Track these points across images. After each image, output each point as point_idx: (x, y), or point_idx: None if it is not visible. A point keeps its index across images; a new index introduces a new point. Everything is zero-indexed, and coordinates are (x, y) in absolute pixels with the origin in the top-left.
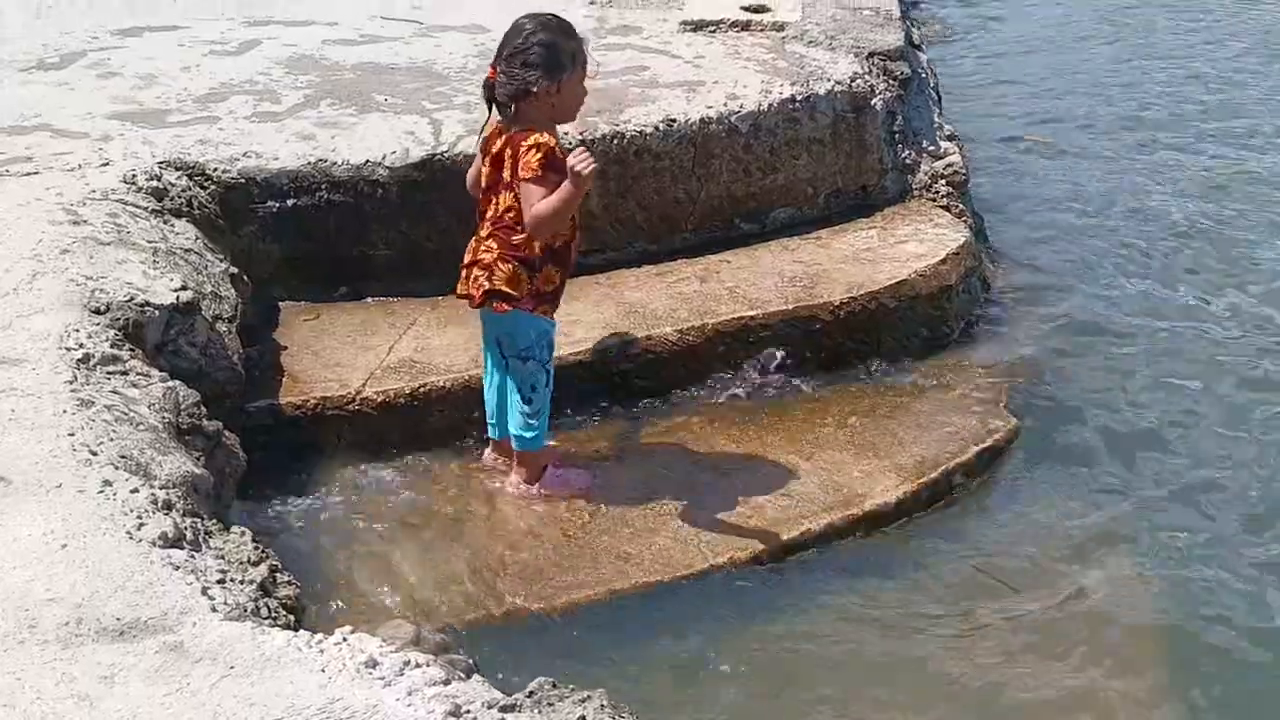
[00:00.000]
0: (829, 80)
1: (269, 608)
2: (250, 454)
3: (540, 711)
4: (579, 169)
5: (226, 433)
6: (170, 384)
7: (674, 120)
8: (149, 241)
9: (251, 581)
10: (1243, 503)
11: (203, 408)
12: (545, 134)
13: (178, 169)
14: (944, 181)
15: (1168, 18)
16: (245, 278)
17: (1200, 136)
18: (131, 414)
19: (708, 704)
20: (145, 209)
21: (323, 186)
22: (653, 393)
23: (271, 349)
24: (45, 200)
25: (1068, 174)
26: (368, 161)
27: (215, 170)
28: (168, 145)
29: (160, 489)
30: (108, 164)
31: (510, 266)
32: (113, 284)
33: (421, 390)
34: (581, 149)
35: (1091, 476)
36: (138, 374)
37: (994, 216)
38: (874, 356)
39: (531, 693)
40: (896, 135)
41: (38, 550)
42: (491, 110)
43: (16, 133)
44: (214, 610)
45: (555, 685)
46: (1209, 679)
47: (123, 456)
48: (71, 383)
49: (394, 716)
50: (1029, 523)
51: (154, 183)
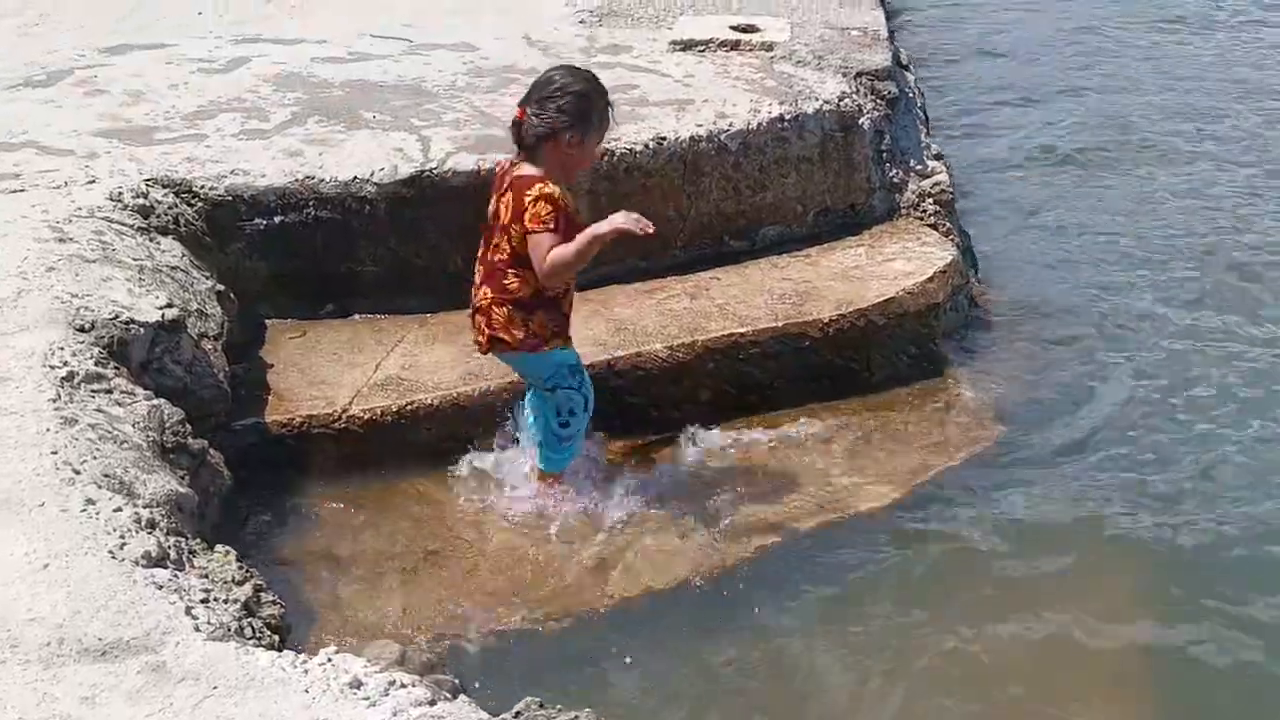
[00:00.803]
0: (817, 100)
1: (253, 627)
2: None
3: None
4: (632, 228)
5: (211, 451)
6: (155, 402)
7: (664, 138)
8: (135, 259)
9: (235, 601)
10: (1228, 512)
11: (187, 426)
12: (551, 185)
13: (164, 186)
14: (931, 200)
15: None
16: (232, 295)
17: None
18: (115, 432)
19: (696, 717)
20: (131, 226)
21: (310, 203)
22: (642, 408)
23: (258, 367)
24: (31, 217)
25: (1053, 192)
26: (356, 178)
27: (202, 187)
28: (154, 163)
29: (144, 508)
30: (94, 181)
31: (505, 310)
32: (98, 301)
33: (409, 408)
34: (638, 216)
35: (1077, 488)
36: (122, 392)
37: (980, 234)
38: (863, 373)
39: (518, 713)
40: (884, 154)
41: (19, 569)
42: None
43: (3, 150)
44: (197, 630)
45: (542, 705)
46: (1192, 685)
47: (106, 475)
48: (55, 401)
49: None
50: (1014, 532)
51: (140, 200)
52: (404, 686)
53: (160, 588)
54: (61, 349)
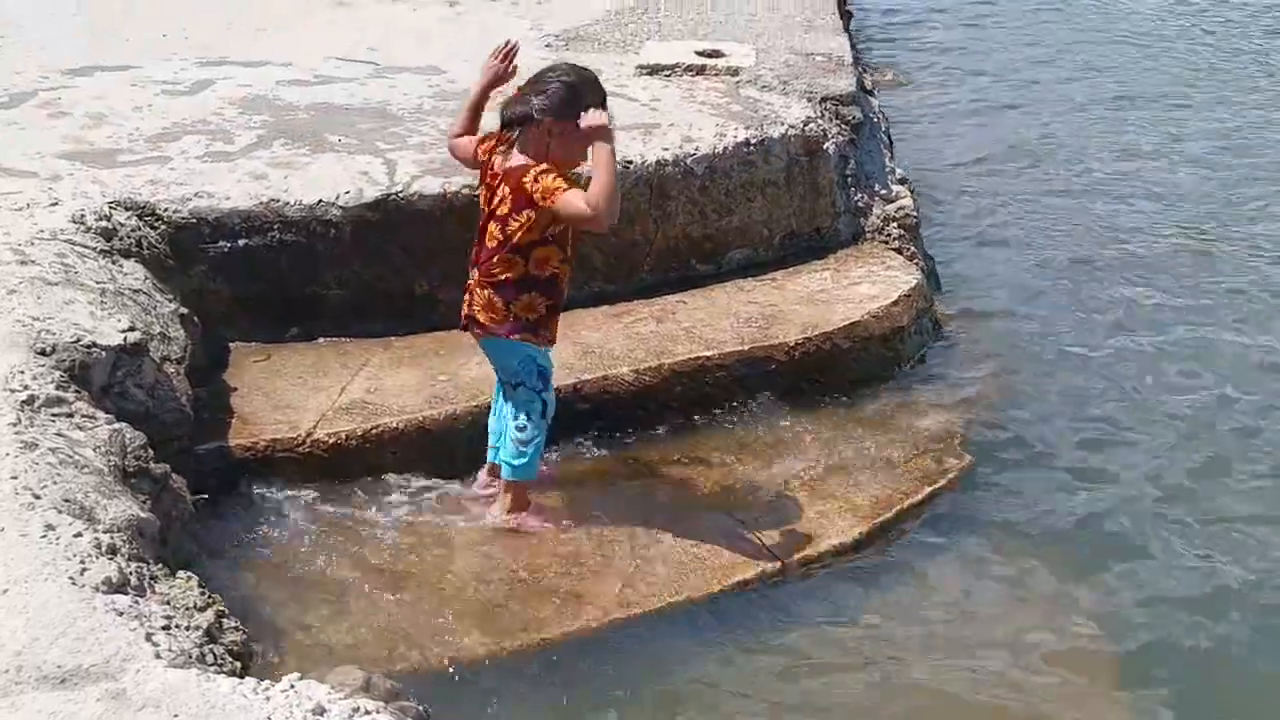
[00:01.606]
0: (783, 124)
1: (215, 654)
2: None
3: None
4: (595, 121)
5: (174, 475)
6: (116, 426)
7: (630, 162)
8: (97, 282)
9: (197, 627)
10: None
11: (149, 450)
12: (543, 164)
13: (127, 209)
14: (896, 224)
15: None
16: (195, 318)
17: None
18: (76, 457)
19: None
20: (94, 249)
21: (275, 226)
22: (608, 431)
23: (221, 390)
24: None
25: (1016, 216)
26: (321, 201)
27: (166, 210)
28: (118, 185)
29: (104, 533)
30: (56, 204)
31: (487, 293)
32: (59, 325)
33: (374, 432)
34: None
35: (1044, 515)
36: (83, 416)
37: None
38: (829, 396)
39: None
40: (849, 179)
41: None
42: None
43: None
44: (158, 657)
45: None
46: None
47: (66, 500)
48: (15, 425)
49: None
50: (981, 564)
51: (103, 223)
52: (368, 714)
53: (121, 614)
54: (22, 372)
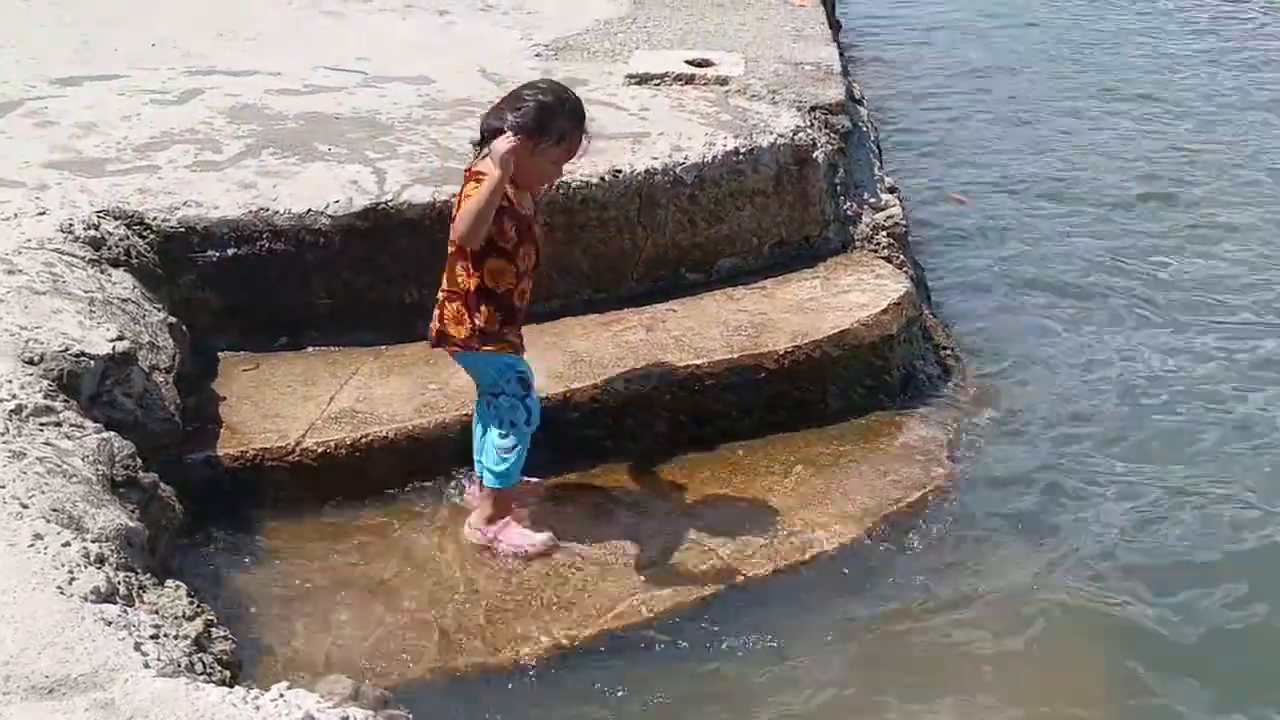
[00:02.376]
0: (772, 133)
1: (204, 663)
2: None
3: None
4: (498, 149)
5: (163, 485)
6: (105, 435)
7: (620, 171)
8: (85, 291)
9: (186, 637)
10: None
11: (138, 460)
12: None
13: (116, 218)
14: (885, 233)
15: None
16: (184, 327)
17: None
18: (64, 466)
19: None
20: (82, 258)
21: (264, 236)
22: (598, 441)
23: (210, 399)
24: None
25: (1006, 224)
26: (310, 211)
27: (154, 219)
28: (106, 194)
29: (93, 542)
30: (44, 213)
31: (455, 306)
32: (48, 334)
33: (363, 441)
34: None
35: (1032, 525)
36: (71, 425)
37: (933, 265)
38: (818, 405)
39: None
40: (838, 187)
41: None
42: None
43: None
44: (147, 666)
45: None
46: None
47: (54, 509)
48: (3, 434)
49: None
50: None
51: (91, 232)
52: None
53: (109, 623)
54: (10, 382)
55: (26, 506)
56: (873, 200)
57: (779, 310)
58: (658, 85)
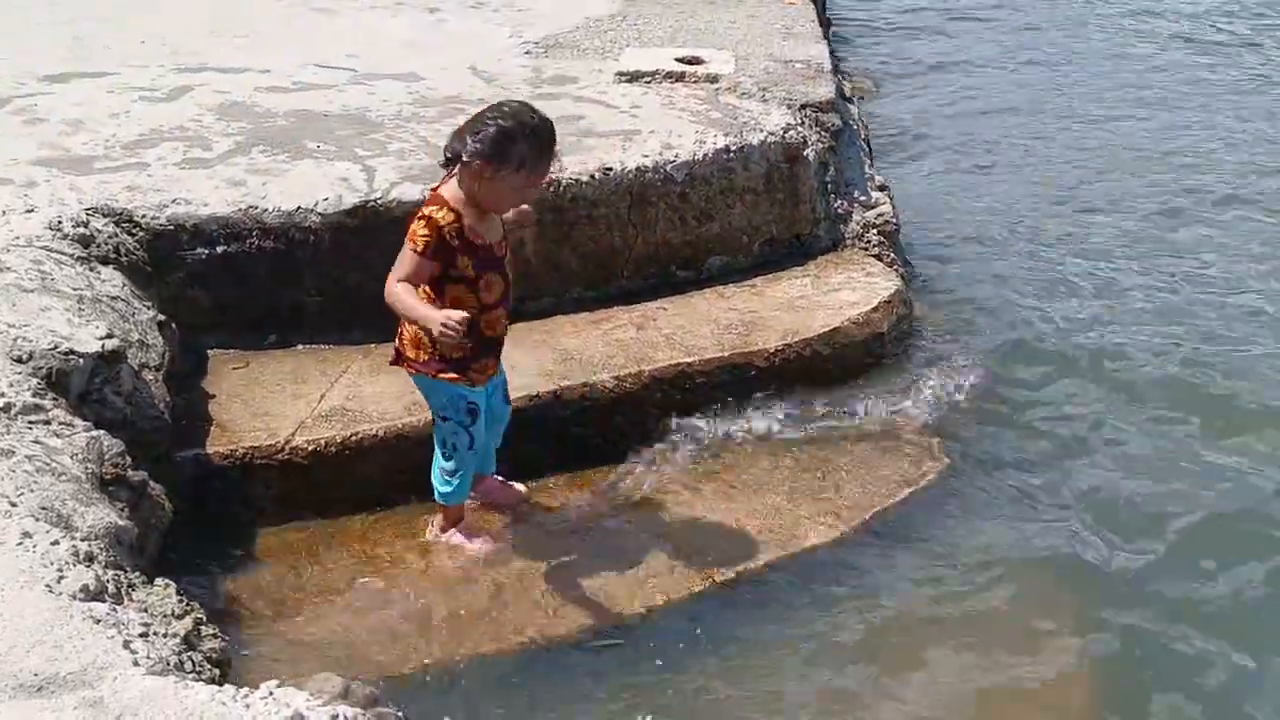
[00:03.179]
0: (762, 131)
1: (193, 661)
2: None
3: None
4: (440, 331)
5: (152, 483)
6: (94, 434)
7: (610, 169)
8: (74, 289)
9: (175, 635)
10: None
11: (127, 458)
12: (446, 209)
13: (105, 215)
14: (875, 231)
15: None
16: (173, 325)
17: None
18: (53, 464)
19: None
20: (71, 256)
21: (253, 233)
22: (588, 439)
23: (200, 398)
24: None
25: (996, 222)
26: (299, 208)
27: (143, 217)
28: (95, 192)
29: (82, 541)
30: (33, 210)
31: (413, 330)
32: (36, 332)
33: (353, 439)
34: (462, 319)
35: (1021, 520)
36: (60, 423)
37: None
38: (809, 402)
39: None
40: (829, 185)
41: None
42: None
43: None
44: (136, 664)
45: None
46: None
47: (43, 508)
48: None
49: None
50: (960, 568)
51: (80, 229)
52: None
53: (98, 622)
54: None
55: (15, 505)
56: (863, 198)
57: (769, 308)
58: (648, 83)
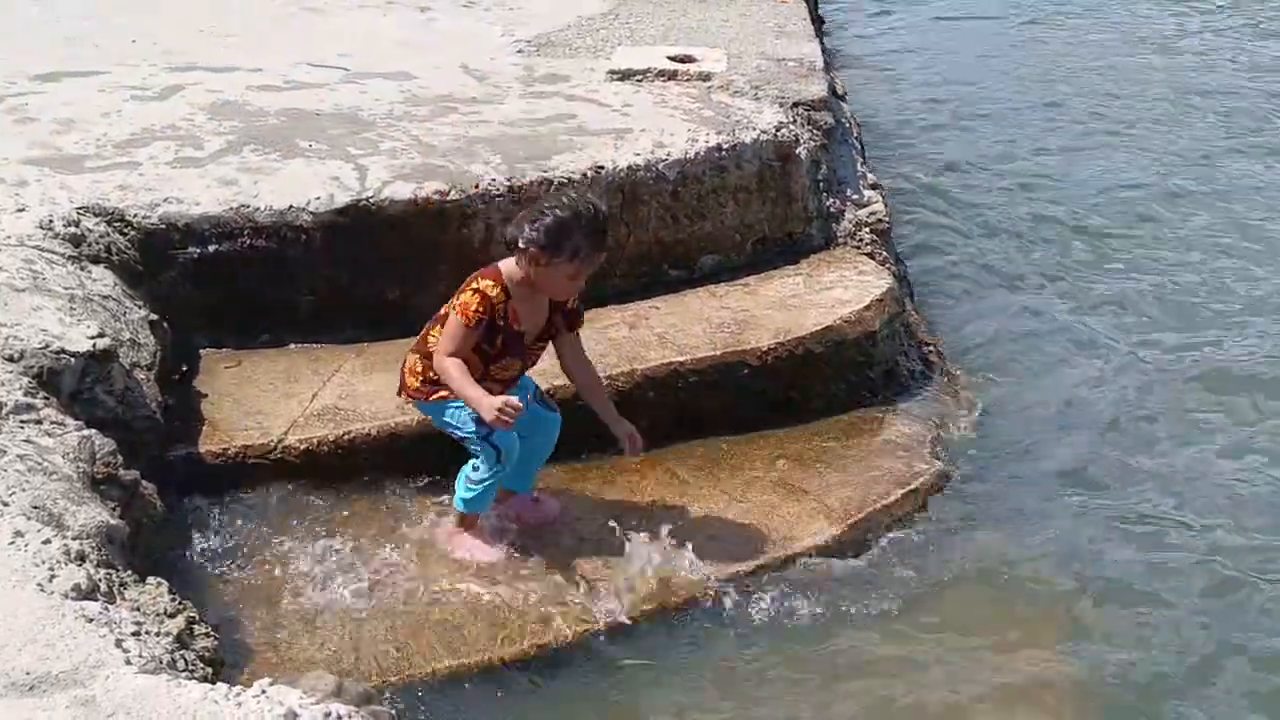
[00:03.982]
0: (754, 129)
1: (186, 660)
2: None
3: None
4: (495, 418)
5: (144, 482)
6: (86, 433)
7: (602, 167)
8: (65, 288)
9: (168, 633)
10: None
11: (119, 457)
12: (500, 288)
13: (96, 215)
14: (868, 229)
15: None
16: (165, 324)
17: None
18: (45, 463)
19: None
20: (62, 255)
21: (245, 232)
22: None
23: (192, 397)
24: None
25: (989, 220)
26: (291, 207)
27: (135, 216)
28: (86, 191)
29: (74, 540)
30: (23, 210)
31: (415, 357)
32: (27, 331)
33: (346, 438)
34: (514, 408)
35: (1014, 512)
36: (52, 422)
37: (916, 261)
38: (801, 401)
39: None
40: (821, 184)
41: None
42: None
43: None
44: (128, 663)
45: None
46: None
47: (35, 507)
48: None
49: None
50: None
51: (71, 229)
52: (340, 718)
53: (90, 620)
54: None
55: (7, 504)
56: (856, 197)
57: (762, 307)
58: (640, 81)
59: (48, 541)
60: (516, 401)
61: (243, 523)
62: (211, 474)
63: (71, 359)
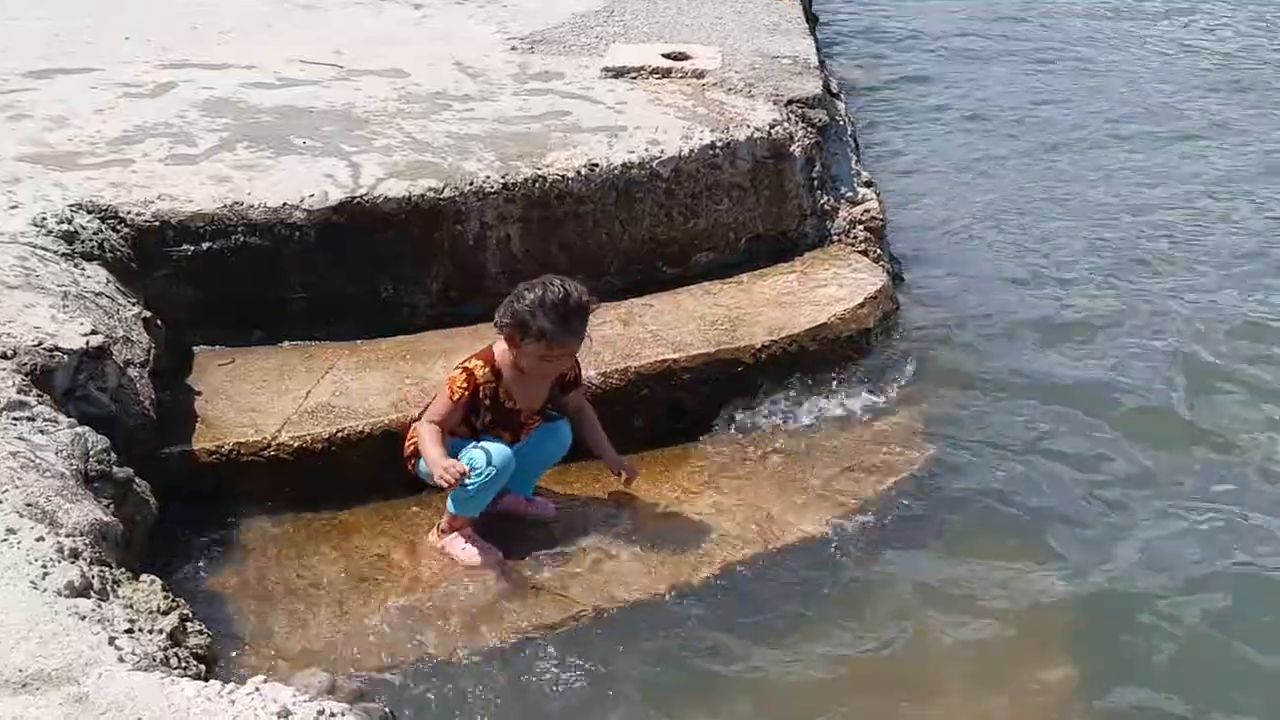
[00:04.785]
0: (749, 127)
1: (179, 657)
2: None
3: None
4: (440, 474)
5: (137, 479)
6: (79, 430)
7: (596, 164)
8: (59, 285)
9: (161, 631)
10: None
11: (112, 454)
12: (489, 369)
13: (89, 212)
14: (862, 227)
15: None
16: (159, 322)
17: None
18: (38, 461)
19: None
20: (55, 252)
21: (239, 229)
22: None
23: (186, 394)
24: None
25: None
26: (285, 204)
27: (128, 213)
28: (79, 188)
29: (67, 537)
30: (17, 207)
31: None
32: (20, 328)
33: (339, 435)
34: (457, 471)
35: (1005, 503)
36: (45, 420)
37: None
38: (795, 398)
39: None
40: (816, 181)
41: None
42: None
43: None
44: (121, 660)
45: None
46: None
47: (28, 504)
48: None
49: None
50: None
51: (65, 226)
52: (334, 715)
53: (83, 618)
54: None
55: (0, 501)
56: (850, 194)
57: (756, 304)
58: (634, 78)
59: (41, 539)
60: (464, 467)
61: (235, 520)
62: (205, 471)
63: (65, 356)
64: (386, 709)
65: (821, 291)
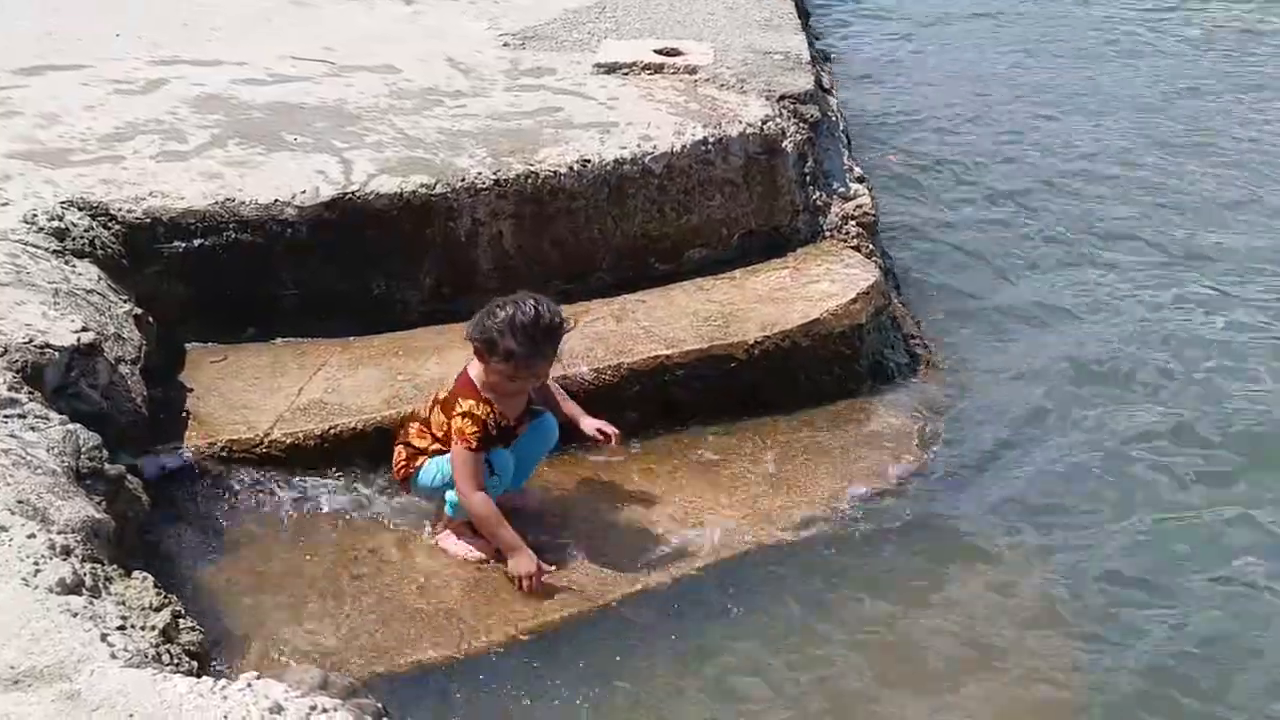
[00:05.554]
0: (741, 122)
1: (171, 654)
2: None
3: None
4: (525, 580)
5: (129, 476)
6: (70, 427)
7: (588, 160)
8: (50, 282)
9: (153, 627)
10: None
11: (104, 451)
12: (482, 403)
13: (80, 209)
14: (854, 222)
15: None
16: (150, 319)
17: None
18: (29, 457)
19: None
20: (46, 249)
21: (230, 226)
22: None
23: (178, 391)
24: None
25: (975, 214)
26: (276, 201)
27: (119, 210)
28: (70, 185)
29: (58, 534)
30: (7, 204)
31: (399, 448)
32: (11, 325)
33: (332, 432)
34: (539, 572)
35: (999, 502)
36: (36, 417)
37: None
38: (787, 393)
39: None
40: (808, 177)
41: None
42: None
43: None
44: (113, 657)
45: None
46: (1115, 698)
47: (20, 501)
48: None
49: None
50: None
51: (55, 223)
52: (325, 711)
53: (75, 615)
54: None
55: None
56: (842, 190)
57: (748, 300)
58: (626, 74)
59: (32, 536)
60: (547, 568)
61: (228, 517)
62: (197, 468)
63: (56, 353)
64: (379, 704)
65: (814, 287)
